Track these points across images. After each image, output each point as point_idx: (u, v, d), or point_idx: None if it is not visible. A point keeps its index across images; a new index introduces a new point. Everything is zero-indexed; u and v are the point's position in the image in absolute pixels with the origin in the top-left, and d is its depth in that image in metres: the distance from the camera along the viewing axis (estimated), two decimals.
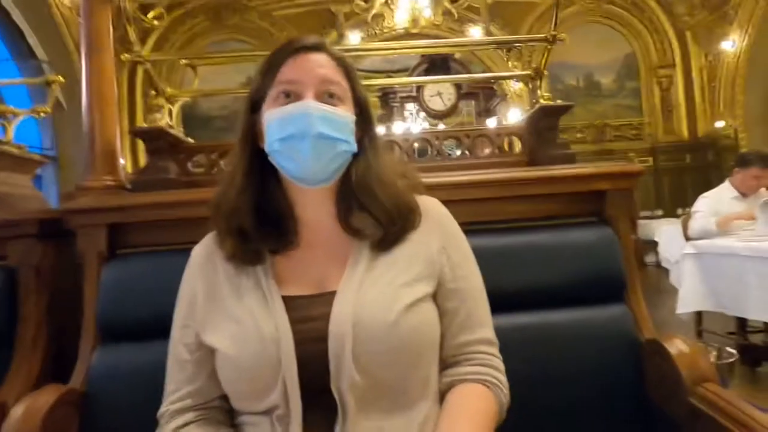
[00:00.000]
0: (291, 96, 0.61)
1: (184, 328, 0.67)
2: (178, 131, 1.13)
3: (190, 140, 1.17)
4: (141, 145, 5.85)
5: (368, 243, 0.64)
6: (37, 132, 5.26)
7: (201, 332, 0.64)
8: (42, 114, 1.28)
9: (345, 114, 0.62)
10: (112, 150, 1.08)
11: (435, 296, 0.65)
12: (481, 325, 0.67)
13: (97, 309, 0.95)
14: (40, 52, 5.19)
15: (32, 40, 5.16)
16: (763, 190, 2.69)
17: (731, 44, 5.67)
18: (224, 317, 0.62)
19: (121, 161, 1.13)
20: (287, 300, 0.62)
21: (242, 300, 0.62)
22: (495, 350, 0.67)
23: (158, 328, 0.84)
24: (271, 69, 0.63)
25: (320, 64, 0.63)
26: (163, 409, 0.66)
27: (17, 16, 5.00)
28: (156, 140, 1.07)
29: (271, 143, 0.61)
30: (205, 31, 6.37)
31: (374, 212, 0.63)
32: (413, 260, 0.64)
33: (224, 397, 0.65)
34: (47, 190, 4.83)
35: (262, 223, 0.64)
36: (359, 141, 0.66)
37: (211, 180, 1.09)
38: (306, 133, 0.58)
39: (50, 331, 1.04)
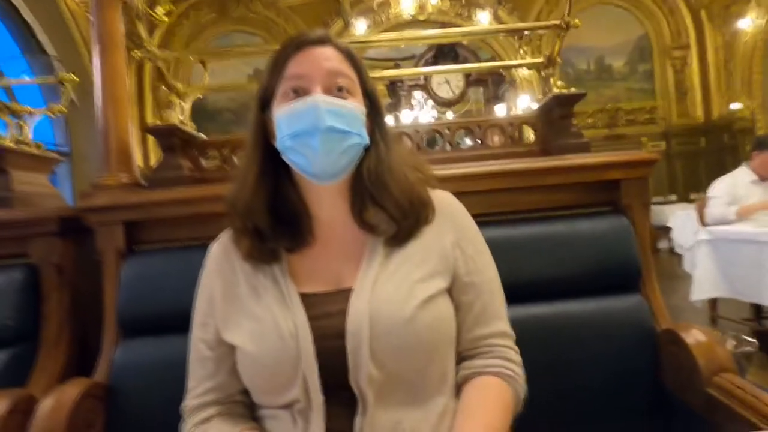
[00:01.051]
0: (299, 92, 0.61)
1: (203, 326, 0.67)
2: (191, 127, 1.13)
3: (203, 136, 1.18)
4: (151, 141, 5.90)
5: (382, 239, 0.64)
6: (50, 128, 5.32)
7: (221, 329, 0.65)
8: (57, 113, 1.30)
9: (354, 106, 0.62)
10: (126, 148, 1.09)
11: (450, 290, 0.65)
12: (496, 317, 0.67)
13: (117, 304, 0.97)
14: (49, 47, 5.22)
15: (41, 35, 5.19)
16: None
17: (749, 22, 5.49)
18: (243, 315, 0.63)
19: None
20: (304, 297, 0.62)
21: (260, 298, 0.63)
22: (511, 342, 0.67)
23: (177, 323, 0.86)
24: (277, 66, 0.63)
25: (326, 57, 0.62)
26: (185, 403, 0.67)
27: (26, 13, 5.02)
28: (169, 137, 1.08)
29: (282, 140, 0.61)
30: (211, 24, 6.35)
31: (387, 206, 0.63)
32: (427, 255, 0.64)
33: (245, 392, 0.66)
34: (62, 186, 4.90)
35: (277, 222, 0.64)
36: (370, 134, 0.65)
37: (225, 176, 1.10)
38: (316, 128, 0.58)
39: (73, 326, 1.07)
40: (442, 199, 0.69)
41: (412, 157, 0.74)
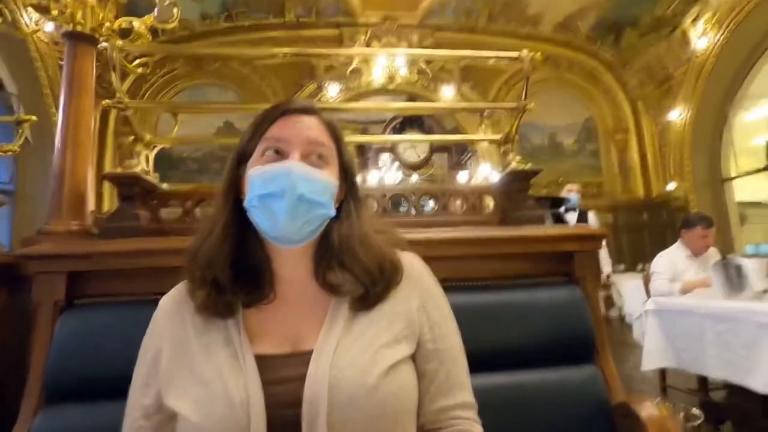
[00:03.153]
0: (277, 153, 0.62)
1: (144, 387, 0.62)
2: (153, 177, 1.11)
3: (165, 186, 1.15)
4: (107, 186, 5.68)
5: (347, 300, 0.62)
6: None
7: (164, 393, 0.60)
8: (8, 153, 1.24)
9: (328, 178, 0.63)
10: (81, 194, 1.05)
11: (413, 356, 0.64)
12: (460, 388, 0.65)
13: (45, 364, 0.87)
14: (11, 84, 5.08)
15: (3, 72, 5.06)
16: (712, 249, 2.87)
17: (677, 114, 6.23)
18: (190, 378, 0.59)
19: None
20: (260, 359, 0.58)
21: (211, 358, 0.59)
22: (474, 414, 0.66)
23: (111, 389, 0.79)
24: (260, 126, 0.65)
25: (309, 126, 0.64)
26: None
27: None
28: (129, 186, 1.04)
29: (250, 199, 0.60)
30: (185, 75, 6.44)
31: (357, 272, 0.62)
32: (393, 319, 0.63)
33: None
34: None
35: (237, 276, 0.62)
36: (342, 202, 0.66)
37: (183, 228, 1.06)
38: (286, 192, 0.58)
39: None
40: (410, 261, 0.70)
41: (382, 222, 0.75)
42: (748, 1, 4.93)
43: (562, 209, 4.10)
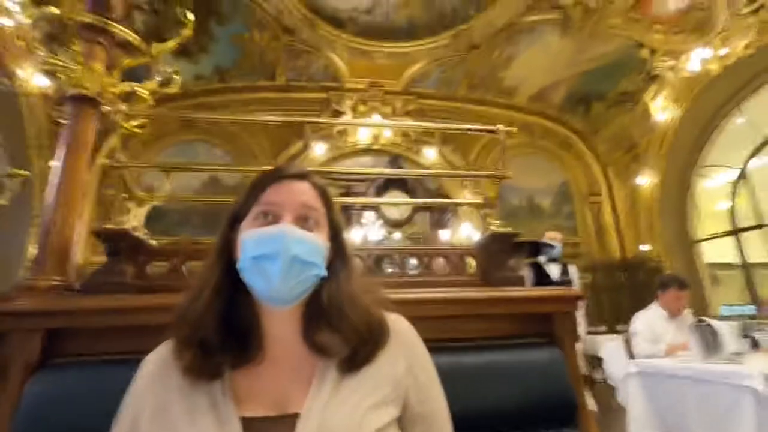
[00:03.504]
0: (270, 216, 0.64)
1: None
2: (143, 233, 1.12)
3: (153, 242, 1.16)
4: (85, 240, 5.54)
5: (335, 362, 0.63)
6: None
7: None
8: None
9: (319, 240, 0.65)
10: (66, 250, 1.05)
11: (400, 420, 0.64)
12: None
13: (10, 430, 0.83)
14: None
15: None
16: (687, 310, 2.93)
17: (645, 180, 6.60)
18: None
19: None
20: (245, 422, 0.58)
21: (195, 423, 0.58)
22: None
23: None
24: (255, 190, 0.67)
25: (302, 191, 0.67)
26: None
27: None
28: (117, 242, 1.05)
29: (243, 260, 0.62)
30: (174, 131, 6.58)
31: (345, 332, 0.64)
32: (380, 382, 0.64)
33: None
34: None
35: (226, 336, 0.63)
36: (331, 263, 0.68)
37: (170, 286, 1.06)
38: (280, 253, 0.60)
39: None
40: (397, 323, 0.71)
41: (370, 283, 0.77)
42: (701, 80, 5.45)
43: (542, 258, 3.88)
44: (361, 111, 6.05)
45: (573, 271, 4.09)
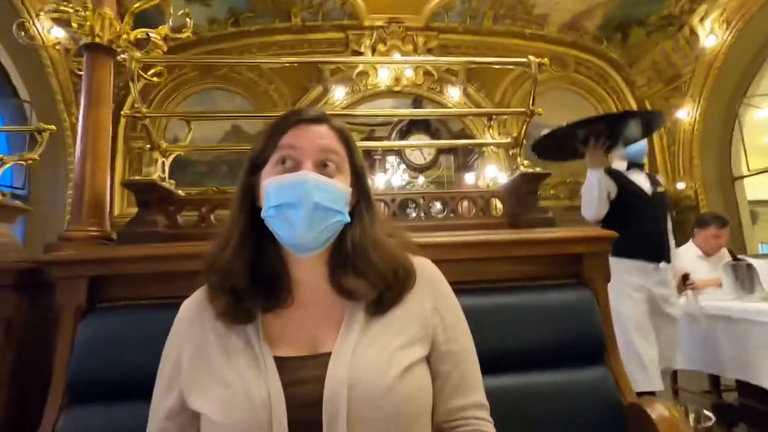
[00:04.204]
0: (290, 162, 0.64)
1: (167, 390, 0.65)
2: (170, 184, 1.14)
3: (180, 193, 1.18)
4: (118, 193, 5.76)
5: (363, 304, 0.64)
6: (8, 169, 5.13)
7: (187, 395, 0.62)
8: (29, 162, 1.28)
9: (341, 186, 0.64)
10: (100, 201, 1.08)
11: (428, 358, 0.66)
12: (473, 388, 0.67)
13: (68, 367, 0.90)
14: (23, 92, 5.17)
15: (17, 80, 5.15)
16: (724, 250, 2.85)
17: (685, 114, 6.17)
18: (212, 380, 0.60)
19: None
20: (279, 361, 0.60)
21: (231, 361, 0.61)
22: (486, 414, 0.68)
23: (132, 390, 0.81)
24: (273, 135, 0.66)
25: (321, 135, 0.66)
26: None
27: (3, 56, 5.02)
28: (147, 193, 1.07)
29: (267, 209, 0.62)
30: (193, 80, 6.50)
31: (370, 277, 0.64)
32: (408, 322, 0.65)
33: None
34: (12, 229, 4.63)
35: (255, 282, 0.64)
36: (355, 207, 0.68)
37: (200, 234, 1.09)
38: (302, 202, 0.59)
39: (12, 390, 0.98)
40: (422, 265, 0.71)
41: (395, 227, 0.77)
42: (756, 1, 4.89)
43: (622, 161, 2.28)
44: (381, 50, 5.78)
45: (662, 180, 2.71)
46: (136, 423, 0.69)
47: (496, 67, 1.34)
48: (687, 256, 2.89)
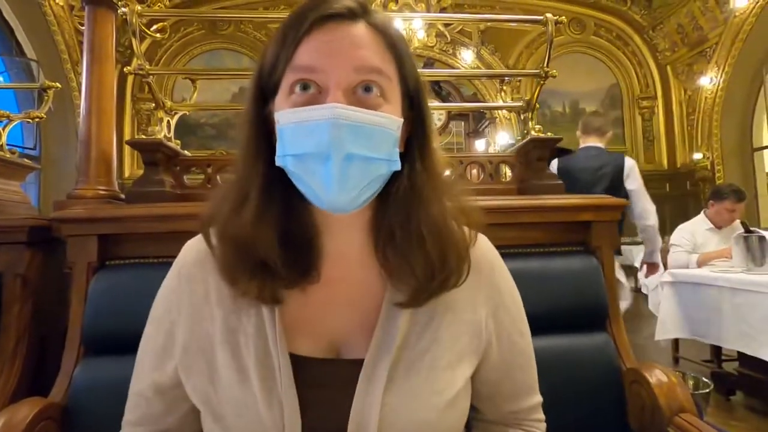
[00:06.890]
0: (311, 88, 0.44)
1: (158, 362, 0.52)
2: (175, 144, 1.13)
3: (187, 153, 1.17)
4: (127, 154, 5.78)
5: (403, 296, 0.48)
6: (19, 129, 5.16)
7: (184, 378, 0.50)
8: (36, 119, 1.27)
9: (387, 121, 0.44)
10: (107, 160, 1.08)
11: (475, 368, 0.54)
12: (527, 392, 0.59)
13: (83, 320, 0.93)
14: (29, 50, 5.12)
15: (22, 37, 5.09)
16: (737, 222, 2.80)
17: (709, 80, 5.93)
18: (209, 377, 0.48)
19: None
20: (296, 361, 0.47)
21: (237, 355, 0.48)
22: (539, 413, 0.60)
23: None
24: (285, 47, 0.45)
25: (355, 42, 0.44)
26: None
27: (8, 13, 4.94)
28: (153, 152, 1.07)
29: (282, 157, 0.44)
30: (200, 40, 6.38)
31: (410, 257, 0.47)
32: (458, 331, 0.51)
33: None
34: (27, 190, 4.72)
35: (287, 252, 0.47)
36: (407, 146, 0.49)
37: (206, 194, 1.09)
38: (329, 153, 0.41)
39: (31, 341, 1.02)
40: (481, 252, 0.55)
41: (453, 185, 0.54)
42: None
43: None
44: (392, 9, 5.56)
45: None
46: None
47: (513, 25, 1.28)
48: (696, 228, 2.85)
